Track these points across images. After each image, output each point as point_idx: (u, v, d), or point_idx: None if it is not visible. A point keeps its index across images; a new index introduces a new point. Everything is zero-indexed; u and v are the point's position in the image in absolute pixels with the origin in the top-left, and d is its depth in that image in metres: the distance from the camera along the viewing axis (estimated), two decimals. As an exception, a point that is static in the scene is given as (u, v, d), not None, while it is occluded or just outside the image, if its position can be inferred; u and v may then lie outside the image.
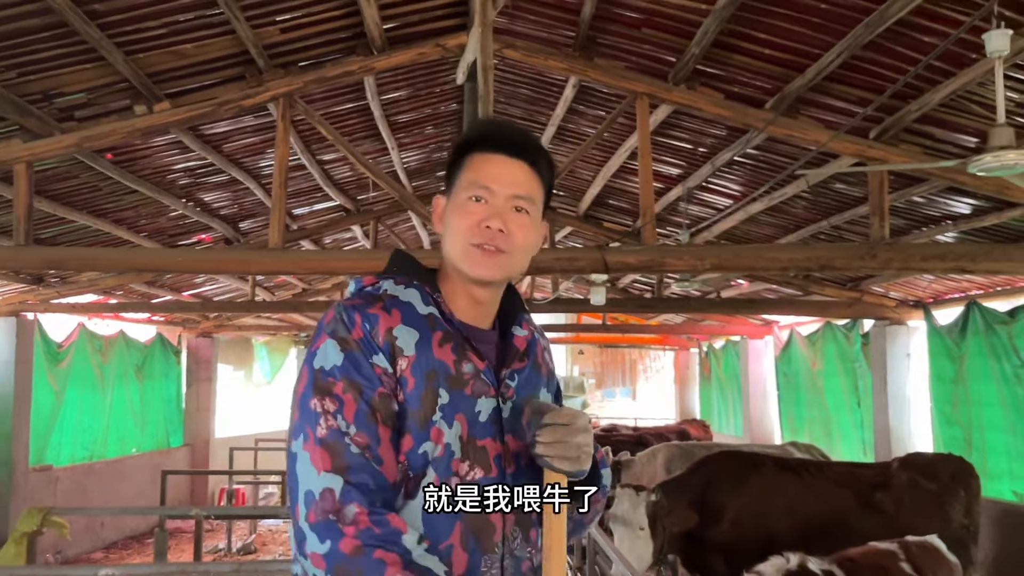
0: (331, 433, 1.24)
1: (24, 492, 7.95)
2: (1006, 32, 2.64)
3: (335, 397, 1.27)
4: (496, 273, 1.39)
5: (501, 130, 1.45)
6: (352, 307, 1.33)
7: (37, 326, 8.45)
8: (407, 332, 1.32)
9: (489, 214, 1.36)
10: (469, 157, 1.42)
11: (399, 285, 1.40)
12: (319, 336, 1.33)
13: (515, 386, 1.42)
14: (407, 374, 1.31)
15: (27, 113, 4.22)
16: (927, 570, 3.66)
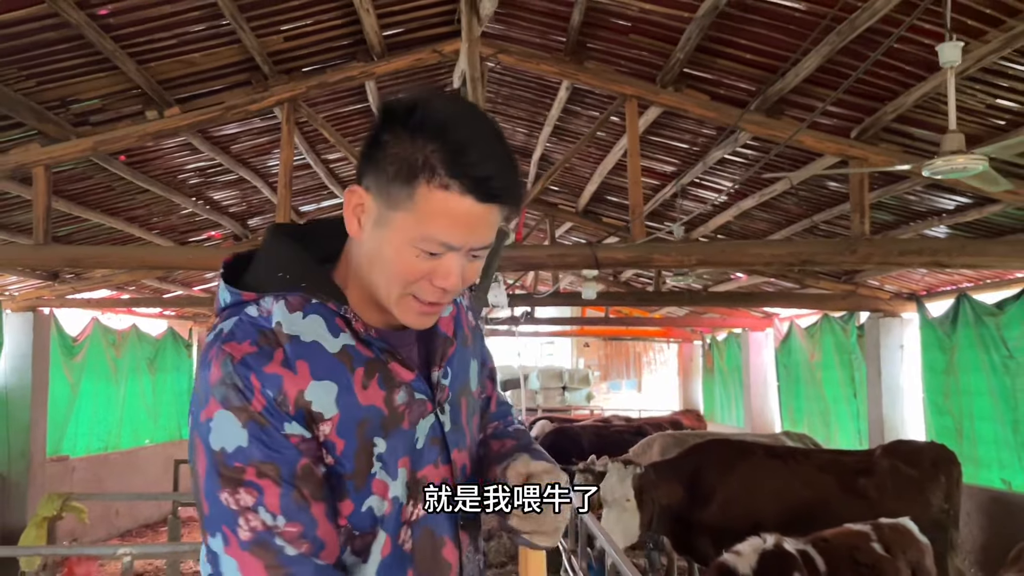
0: (257, 535, 1.04)
1: (42, 481, 8.22)
2: (957, 44, 2.83)
3: (250, 486, 1.04)
4: (432, 323, 1.19)
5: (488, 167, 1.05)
6: (244, 364, 1.05)
7: (53, 320, 8.72)
8: (322, 389, 1.08)
9: (445, 271, 1.10)
10: (429, 188, 1.04)
11: (295, 312, 1.11)
12: (207, 400, 1.06)
13: (449, 381, 1.24)
14: (333, 437, 1.09)
15: (45, 119, 4.45)
16: (897, 550, 3.86)
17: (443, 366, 1.23)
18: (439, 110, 1.07)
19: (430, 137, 1.04)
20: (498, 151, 1.08)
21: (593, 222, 8.62)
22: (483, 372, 1.41)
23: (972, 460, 7.26)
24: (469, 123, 1.08)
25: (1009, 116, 4.29)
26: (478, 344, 1.39)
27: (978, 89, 4.09)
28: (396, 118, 1.07)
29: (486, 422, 1.43)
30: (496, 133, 1.10)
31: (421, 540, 1.18)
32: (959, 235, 6.10)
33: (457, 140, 1.04)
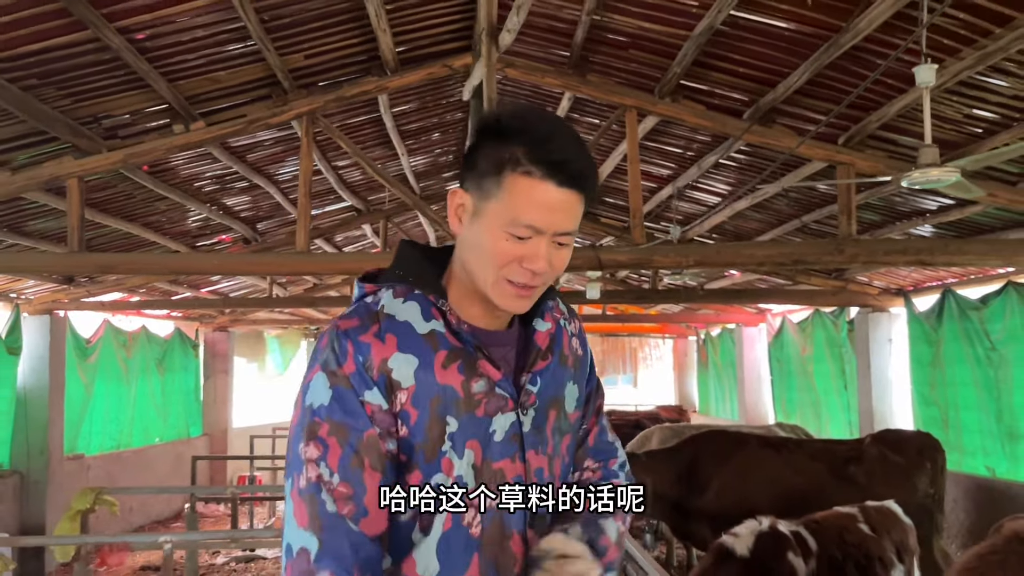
0: (310, 486, 1.18)
1: (60, 479, 8.47)
2: (932, 67, 3.11)
3: (319, 441, 1.19)
4: (527, 307, 1.30)
5: (566, 154, 1.22)
6: (344, 334, 1.23)
7: (68, 323, 8.97)
8: (404, 360, 1.22)
9: (533, 254, 1.22)
10: (511, 176, 1.21)
11: (398, 298, 1.28)
12: (313, 364, 1.24)
13: (537, 390, 1.32)
14: (408, 407, 1.21)
15: (79, 134, 4.71)
16: (883, 530, 4.16)
17: (531, 373, 1.32)
18: (520, 115, 1.26)
19: (514, 135, 1.22)
20: (572, 144, 1.24)
21: (592, 223, 8.90)
22: (584, 399, 1.46)
23: (958, 448, 7.58)
24: (546, 123, 1.25)
25: (985, 125, 4.59)
26: (582, 372, 1.44)
27: (955, 100, 4.39)
28: (486, 127, 1.27)
29: (583, 455, 1.47)
30: (571, 131, 1.27)
31: (491, 528, 1.25)
32: (944, 234, 6.41)
33: (536, 135, 1.21)
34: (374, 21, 4.45)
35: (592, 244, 6.98)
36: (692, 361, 16.61)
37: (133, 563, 8.06)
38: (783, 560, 3.82)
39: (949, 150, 4.93)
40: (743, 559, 3.78)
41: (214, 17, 4.10)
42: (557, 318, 1.42)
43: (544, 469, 1.31)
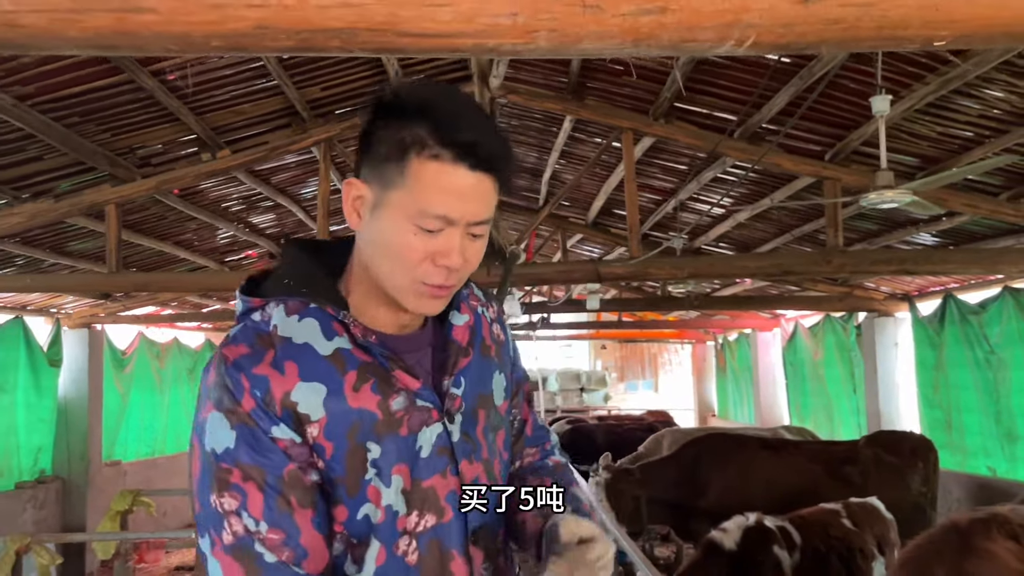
0: (239, 540, 1.06)
1: (99, 484, 8.94)
2: (887, 97, 3.41)
3: (235, 489, 1.06)
4: (443, 307, 1.18)
5: (476, 133, 1.08)
6: (236, 366, 1.08)
7: (105, 336, 9.45)
8: (308, 390, 1.09)
9: (446, 248, 1.10)
10: (417, 161, 1.07)
11: (292, 315, 1.14)
12: (204, 401, 1.10)
13: (462, 392, 1.22)
14: (321, 440, 1.09)
15: (116, 164, 5.14)
16: (865, 524, 4.43)
17: (454, 375, 1.21)
18: (422, 92, 1.12)
19: (416, 114, 1.08)
20: (483, 122, 1.12)
21: (602, 233, 9.22)
22: (515, 391, 1.38)
23: (960, 450, 7.79)
24: (452, 99, 1.12)
25: (960, 141, 4.86)
26: (506, 359, 1.35)
27: (927, 120, 4.67)
28: (383, 106, 1.12)
29: (520, 446, 1.41)
30: (479, 107, 1.17)
31: (428, 552, 1.15)
32: (941, 242, 6.65)
33: (443, 113, 1.08)
34: (384, 58, 4.82)
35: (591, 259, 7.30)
36: (711, 366, 16.82)
37: (168, 563, 8.50)
38: (769, 553, 4.12)
39: (930, 164, 5.21)
40: (731, 552, 4.09)
41: (238, 57, 4.49)
42: (474, 306, 1.31)
43: (481, 476, 1.22)
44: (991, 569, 2.68)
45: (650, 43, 1.42)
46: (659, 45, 1.43)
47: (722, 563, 4.05)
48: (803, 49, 1.43)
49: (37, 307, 8.47)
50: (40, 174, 5.06)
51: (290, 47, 1.42)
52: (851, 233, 6.81)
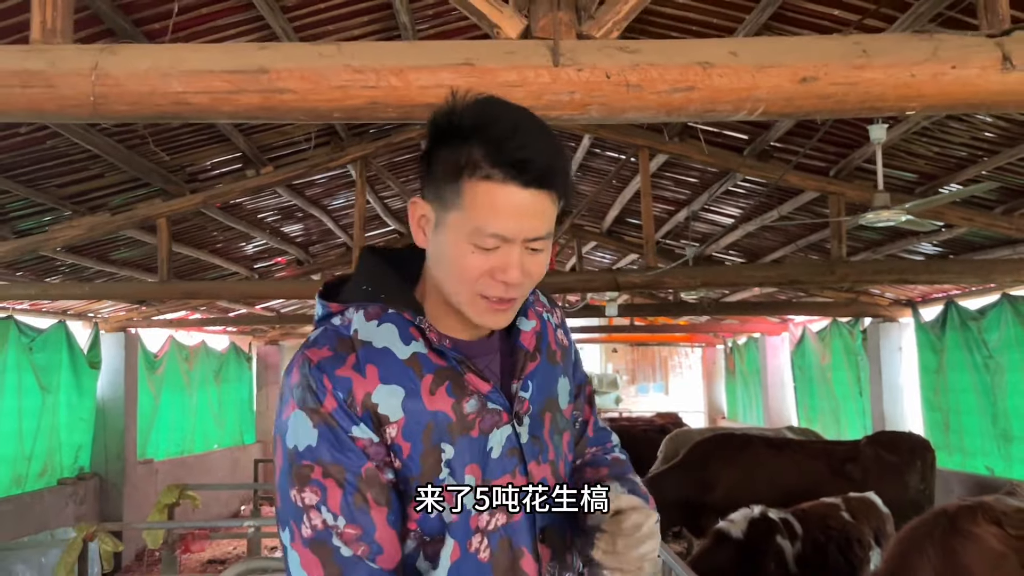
0: (317, 534, 1.11)
1: (133, 481, 9.35)
2: (883, 126, 3.77)
3: (315, 485, 1.11)
4: (508, 320, 1.22)
5: (529, 151, 1.10)
6: (319, 368, 1.14)
7: (139, 339, 9.86)
8: (388, 392, 1.14)
9: (504, 265, 1.13)
10: (472, 181, 1.11)
11: (371, 321, 1.19)
12: (287, 401, 1.16)
13: (530, 395, 1.26)
14: (399, 440, 1.14)
15: (168, 181, 5.53)
16: (863, 518, 4.78)
17: (522, 379, 1.25)
18: (477, 110, 1.14)
19: (470, 134, 1.10)
20: (537, 139, 1.12)
21: (616, 241, 9.58)
22: (576, 393, 1.42)
23: (961, 450, 8.12)
24: (506, 117, 1.13)
25: (955, 160, 5.21)
26: (569, 363, 1.39)
27: (924, 141, 5.01)
28: (439, 127, 1.15)
29: (583, 447, 1.45)
30: (535, 122, 1.15)
31: (499, 549, 1.19)
32: (943, 252, 6.98)
33: (495, 133, 1.10)
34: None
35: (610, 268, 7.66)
36: (720, 369, 17.13)
37: (200, 558, 8.90)
38: (772, 542, 4.48)
39: (928, 181, 5.56)
40: (737, 541, 4.45)
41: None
42: (540, 312, 1.35)
43: (548, 476, 1.25)
44: (974, 548, 3.04)
45: (680, 114, 1.79)
46: (687, 115, 1.79)
47: (730, 551, 4.41)
48: (802, 117, 1.81)
49: (77, 312, 8.88)
50: (98, 190, 5.46)
51: (394, 117, 1.79)
52: (856, 242, 7.16)
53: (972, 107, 1.79)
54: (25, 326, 7.86)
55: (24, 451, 7.82)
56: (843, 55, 1.76)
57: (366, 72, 1.70)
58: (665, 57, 1.74)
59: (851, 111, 1.78)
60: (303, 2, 3.96)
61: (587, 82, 1.76)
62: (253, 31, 4.06)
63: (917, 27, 3.34)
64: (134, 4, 3.53)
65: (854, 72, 1.75)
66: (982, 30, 1.88)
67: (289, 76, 1.70)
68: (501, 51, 1.77)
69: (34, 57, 1.71)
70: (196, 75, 1.70)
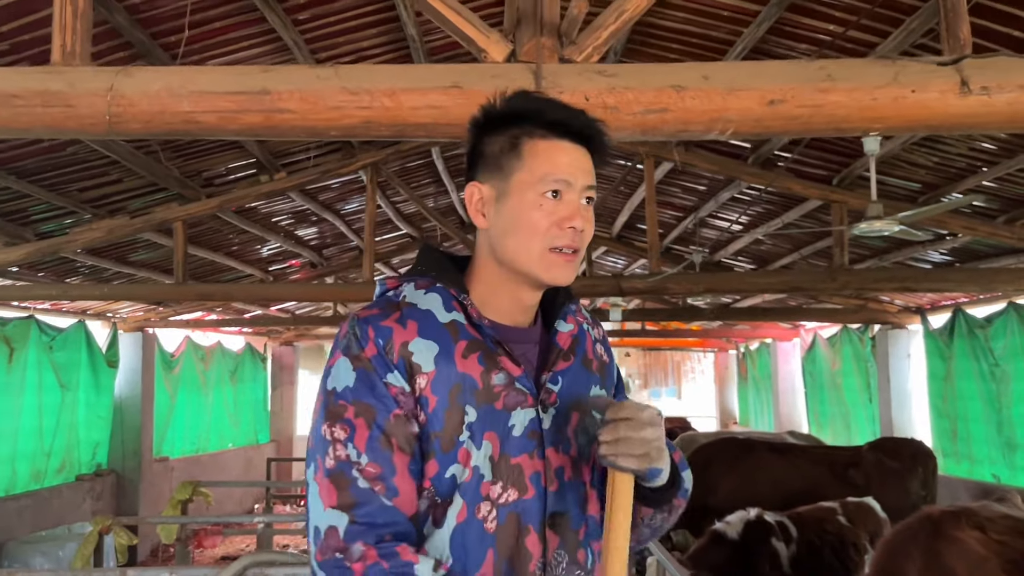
0: (339, 464, 1.17)
1: (149, 478, 9.54)
2: (876, 138, 3.85)
3: (346, 423, 1.19)
4: (573, 276, 1.31)
5: (569, 112, 1.30)
6: (365, 320, 1.24)
7: (156, 339, 10.07)
8: (424, 345, 1.22)
9: (571, 212, 1.25)
10: (529, 142, 1.27)
11: (420, 290, 1.30)
12: (334, 353, 1.25)
13: (558, 390, 1.31)
14: (427, 392, 1.21)
15: (184, 185, 5.69)
16: (859, 522, 4.86)
17: (552, 372, 1.31)
18: (518, 98, 1.32)
19: (521, 113, 1.29)
20: (572, 109, 1.31)
21: (625, 246, 9.68)
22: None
23: (968, 457, 8.15)
24: (543, 98, 1.33)
25: (955, 170, 5.28)
26: (609, 379, 1.44)
27: (923, 152, 5.09)
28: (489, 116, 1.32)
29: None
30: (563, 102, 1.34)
31: (507, 523, 1.22)
32: (947, 259, 7.04)
33: (539, 107, 1.29)
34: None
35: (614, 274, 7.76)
36: (733, 374, 17.16)
37: (213, 554, 9.08)
38: (767, 544, 4.57)
39: (929, 190, 5.63)
40: (733, 542, 4.55)
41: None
42: (580, 321, 1.42)
43: (566, 469, 1.29)
44: (957, 552, 3.13)
45: (654, 133, 1.91)
46: (661, 135, 1.91)
47: (725, 551, 4.50)
48: (770, 137, 1.93)
49: (96, 312, 9.08)
50: (117, 194, 5.63)
51: (388, 135, 1.92)
52: (863, 250, 7.23)
53: (932, 128, 1.89)
54: (46, 325, 8.06)
55: (44, 447, 8.01)
56: (809, 79, 1.87)
57: (360, 93, 1.83)
58: (640, 81, 1.86)
59: (817, 131, 1.89)
60: (314, 15, 4.10)
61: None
62: (265, 43, 4.21)
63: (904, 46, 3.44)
64: (151, 18, 3.68)
65: (819, 95, 1.86)
66: (945, 55, 1.98)
67: (289, 97, 1.83)
68: (487, 74, 1.89)
69: (54, 78, 1.86)
70: (204, 96, 1.83)
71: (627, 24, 1.96)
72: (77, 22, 1.90)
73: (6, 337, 7.37)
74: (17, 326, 7.56)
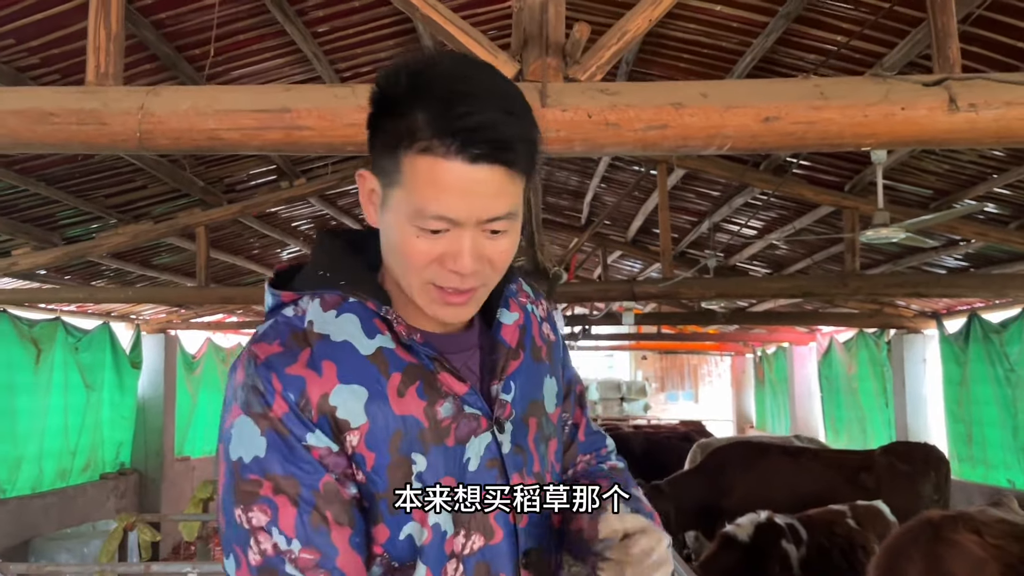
0: (267, 560, 0.95)
1: (171, 477, 9.72)
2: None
3: (265, 503, 0.95)
4: (468, 314, 1.06)
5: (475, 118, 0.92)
6: (266, 366, 0.98)
7: (178, 341, 10.26)
8: (349, 394, 0.99)
9: (454, 251, 0.97)
10: (411, 155, 0.94)
11: (330, 310, 1.03)
12: (229, 406, 0.99)
13: (512, 398, 1.10)
14: (361, 449, 0.99)
15: (207, 192, 5.84)
16: (868, 525, 4.91)
17: (504, 379, 1.10)
18: (422, 69, 0.97)
19: (412, 98, 0.94)
20: (490, 101, 0.94)
21: (640, 250, 9.75)
22: (565, 393, 1.27)
23: (983, 463, 8.15)
24: (454, 75, 0.96)
25: (965, 176, 5.32)
26: (557, 360, 1.23)
27: (934, 159, 5.14)
28: (381, 87, 0.99)
29: (573, 454, 1.30)
30: (490, 81, 0.98)
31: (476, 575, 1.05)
32: (961, 264, 7.06)
33: (437, 94, 0.93)
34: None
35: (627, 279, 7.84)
36: (750, 378, 17.16)
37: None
38: (777, 546, 4.63)
39: (941, 196, 5.67)
40: (744, 544, 4.61)
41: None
42: (523, 303, 1.19)
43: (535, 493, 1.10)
44: (956, 554, 3.19)
45: (654, 149, 2.00)
46: (661, 150, 2.01)
47: (736, 554, 4.57)
48: (766, 152, 2.02)
49: (120, 314, 9.28)
50: (142, 200, 5.79)
51: (401, 151, 2.00)
52: (878, 255, 7.26)
53: (921, 143, 1.97)
54: (72, 327, 8.26)
55: (69, 446, 8.21)
56: (803, 96, 1.95)
57: (375, 111, 1.93)
58: (641, 99, 1.95)
59: (811, 147, 1.98)
60: (333, 28, 4.22)
61: (571, 121, 1.96)
62: (286, 54, 4.34)
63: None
64: (177, 33, 3.82)
65: (813, 112, 1.95)
66: (934, 74, 2.06)
67: (308, 115, 1.94)
68: (495, 93, 1.98)
69: (89, 98, 1.98)
70: (228, 114, 1.95)
71: (629, 45, 2.05)
72: (110, 44, 2.02)
73: (34, 338, 7.56)
74: (44, 328, 7.76)
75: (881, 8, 3.40)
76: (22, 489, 7.46)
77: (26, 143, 1.94)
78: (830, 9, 3.79)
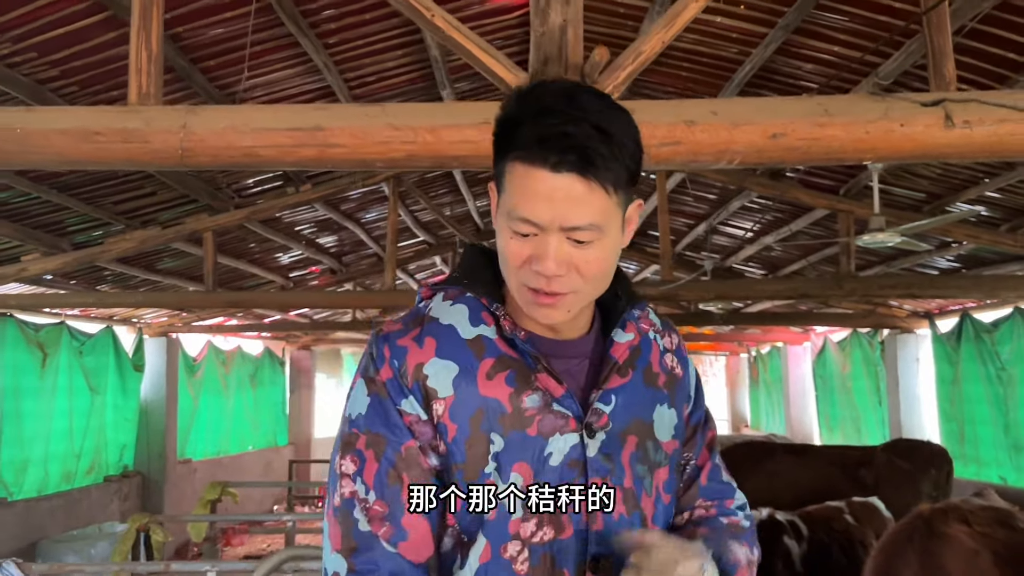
0: (344, 503, 1.08)
1: (173, 479, 9.80)
2: (879, 153, 4.04)
3: (356, 454, 1.09)
4: (560, 317, 1.12)
5: (558, 128, 1.01)
6: (384, 338, 1.13)
7: (180, 344, 10.33)
8: (441, 367, 1.09)
9: (539, 254, 1.05)
10: (511, 162, 1.05)
11: (447, 301, 1.16)
12: (356, 373, 1.16)
13: (611, 411, 1.14)
14: (445, 420, 1.08)
15: (214, 197, 5.93)
16: (865, 521, 5.03)
17: (603, 390, 1.15)
18: (537, 87, 1.07)
19: (517, 112, 1.05)
20: (578, 114, 1.01)
21: (640, 252, 9.88)
22: (691, 433, 1.29)
23: (975, 460, 8.30)
24: (554, 91, 1.05)
25: (958, 180, 5.45)
26: (681, 395, 1.26)
27: (927, 163, 5.27)
28: (502, 105, 1.10)
29: (692, 496, 1.29)
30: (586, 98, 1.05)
31: (540, 565, 1.09)
32: (954, 265, 7.20)
33: (535, 107, 1.03)
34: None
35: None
36: (744, 378, 17.29)
37: (237, 553, 9.31)
38: (779, 542, 4.75)
39: (934, 199, 5.81)
40: (745, 541, 4.72)
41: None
42: (644, 330, 1.24)
43: (618, 503, 1.13)
44: (949, 548, 3.32)
45: (667, 164, 2.11)
46: (674, 165, 2.12)
47: (739, 551, 4.67)
48: (774, 166, 2.14)
49: (122, 317, 9.35)
50: (150, 206, 5.88)
51: (428, 167, 2.13)
52: (871, 256, 7.40)
53: (919, 158, 2.09)
54: (76, 331, 8.33)
55: (74, 449, 8.28)
56: (807, 114, 2.07)
57: (404, 129, 2.04)
58: (654, 116, 2.06)
59: (815, 161, 2.09)
60: (343, 39, 4.33)
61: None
62: (298, 64, 4.44)
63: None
64: (191, 46, 3.92)
65: (817, 129, 2.07)
66: (931, 92, 2.18)
67: (340, 133, 2.05)
68: (517, 111, 2.10)
69: (132, 117, 2.08)
70: (265, 132, 2.05)
71: (643, 65, 2.16)
72: (151, 65, 2.12)
73: (40, 343, 7.64)
74: (49, 332, 7.83)
75: (878, 21, 3.52)
76: (28, 492, 7.54)
77: (72, 161, 2.04)
78: (828, 21, 3.91)
